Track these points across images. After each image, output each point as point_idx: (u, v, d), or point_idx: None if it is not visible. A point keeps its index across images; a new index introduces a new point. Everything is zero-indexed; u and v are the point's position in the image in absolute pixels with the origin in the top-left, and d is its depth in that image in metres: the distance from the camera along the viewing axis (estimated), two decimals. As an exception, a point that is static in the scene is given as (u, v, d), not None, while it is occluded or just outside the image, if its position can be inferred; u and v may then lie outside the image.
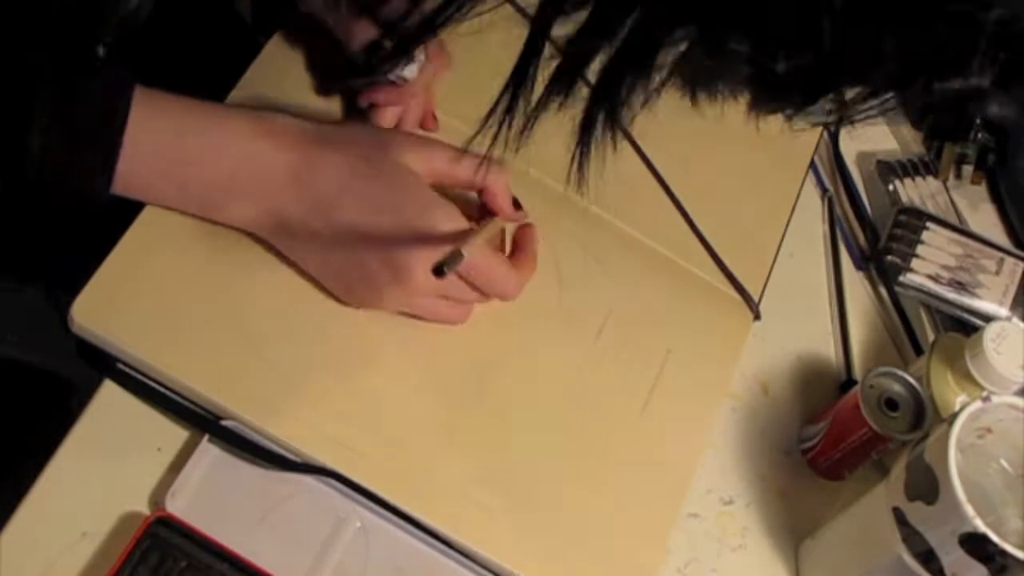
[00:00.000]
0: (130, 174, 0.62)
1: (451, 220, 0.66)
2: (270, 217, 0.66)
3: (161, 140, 0.63)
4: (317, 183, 0.65)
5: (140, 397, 0.65)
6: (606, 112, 0.47)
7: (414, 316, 0.69)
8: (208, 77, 0.75)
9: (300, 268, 0.68)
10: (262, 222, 0.66)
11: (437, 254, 0.62)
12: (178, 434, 0.65)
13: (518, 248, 0.72)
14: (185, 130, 0.63)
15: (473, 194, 0.71)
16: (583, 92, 0.47)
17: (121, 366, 0.65)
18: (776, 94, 0.45)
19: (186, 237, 0.67)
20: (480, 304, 0.71)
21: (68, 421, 0.63)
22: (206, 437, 0.64)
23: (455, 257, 0.61)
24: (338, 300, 0.68)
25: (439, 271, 0.61)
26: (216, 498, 0.63)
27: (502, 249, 0.72)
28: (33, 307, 0.79)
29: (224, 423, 0.64)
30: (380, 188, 0.65)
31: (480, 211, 0.71)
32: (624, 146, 0.84)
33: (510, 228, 0.73)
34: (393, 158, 0.66)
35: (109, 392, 0.65)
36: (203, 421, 0.64)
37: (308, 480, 0.65)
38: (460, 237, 0.64)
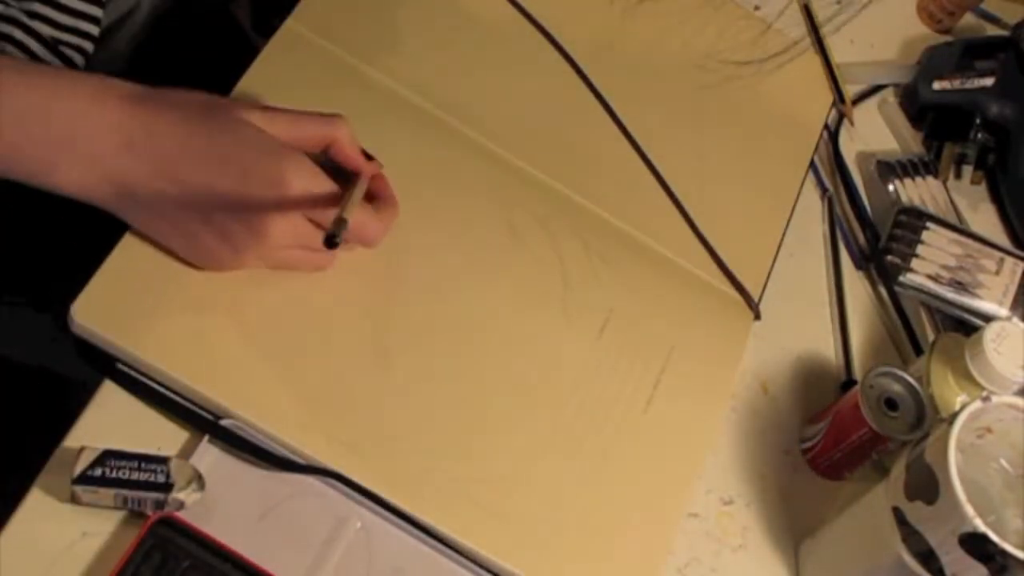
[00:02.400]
0: None
1: (303, 169, 0.64)
2: (110, 184, 0.62)
3: None
4: (156, 143, 0.62)
5: (140, 397, 0.65)
6: None
7: (278, 268, 0.68)
8: (205, 80, 0.75)
9: (188, 247, 0.66)
10: (103, 190, 0.63)
11: (291, 206, 0.62)
12: (178, 434, 0.65)
13: (377, 196, 0.70)
14: (15, 90, 0.60)
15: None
16: None
17: (121, 366, 0.65)
18: None
19: (186, 237, 0.67)
20: (481, 304, 0.71)
21: (68, 421, 0.64)
22: (206, 437, 0.64)
23: (342, 223, 0.60)
24: (196, 266, 0.66)
25: (331, 241, 0.60)
26: (216, 498, 0.63)
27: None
28: (33, 308, 0.79)
29: (224, 423, 0.64)
30: (224, 143, 0.63)
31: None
32: (624, 146, 0.84)
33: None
34: (235, 114, 0.64)
35: (109, 392, 0.65)
36: (203, 421, 0.64)
37: (308, 480, 0.65)
38: (322, 196, 0.64)
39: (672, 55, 0.89)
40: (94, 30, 0.73)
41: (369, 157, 0.69)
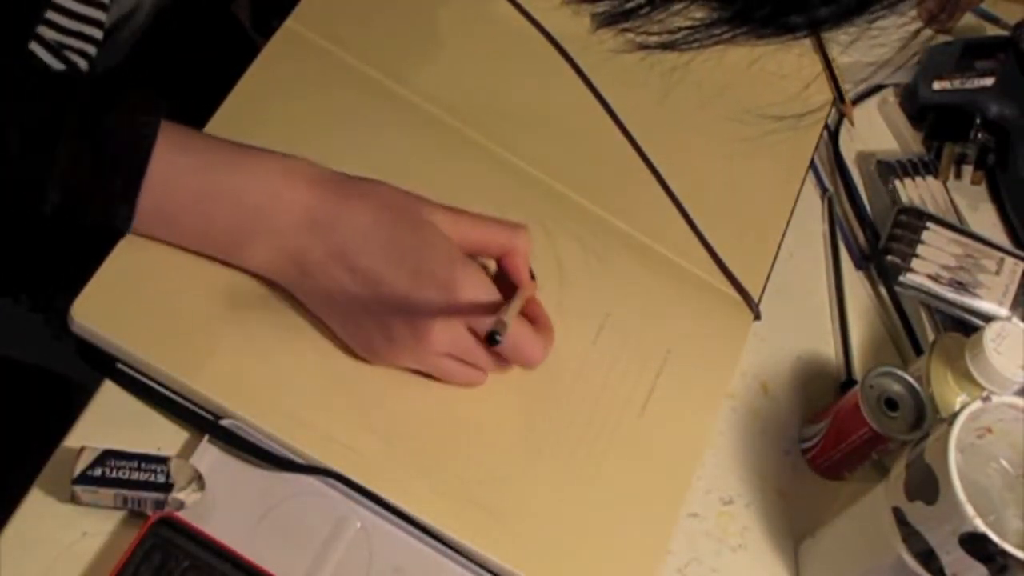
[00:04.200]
0: (153, 209, 0.61)
1: (474, 279, 0.65)
2: (290, 260, 0.65)
3: (186, 175, 0.62)
4: (339, 227, 0.64)
5: (140, 397, 0.65)
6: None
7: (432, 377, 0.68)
8: (206, 79, 0.75)
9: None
10: (282, 265, 0.65)
11: (455, 313, 0.62)
12: (178, 434, 0.65)
13: (534, 318, 0.70)
14: (210, 166, 0.63)
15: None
16: None
17: (121, 366, 0.65)
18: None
19: (186, 237, 0.67)
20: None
21: (68, 421, 0.64)
22: (206, 437, 0.64)
23: (501, 324, 0.60)
24: (357, 356, 0.67)
25: (492, 338, 0.60)
26: (216, 498, 0.63)
27: None
28: (33, 307, 0.79)
29: (224, 423, 0.64)
30: (404, 239, 0.64)
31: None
32: (624, 146, 0.84)
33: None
34: (419, 212, 0.66)
35: (109, 392, 0.65)
36: (203, 421, 0.64)
37: (308, 480, 0.65)
38: (488, 305, 0.64)
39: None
40: (98, 34, 0.73)
41: (532, 277, 0.70)
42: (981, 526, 0.59)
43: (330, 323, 0.67)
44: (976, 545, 0.60)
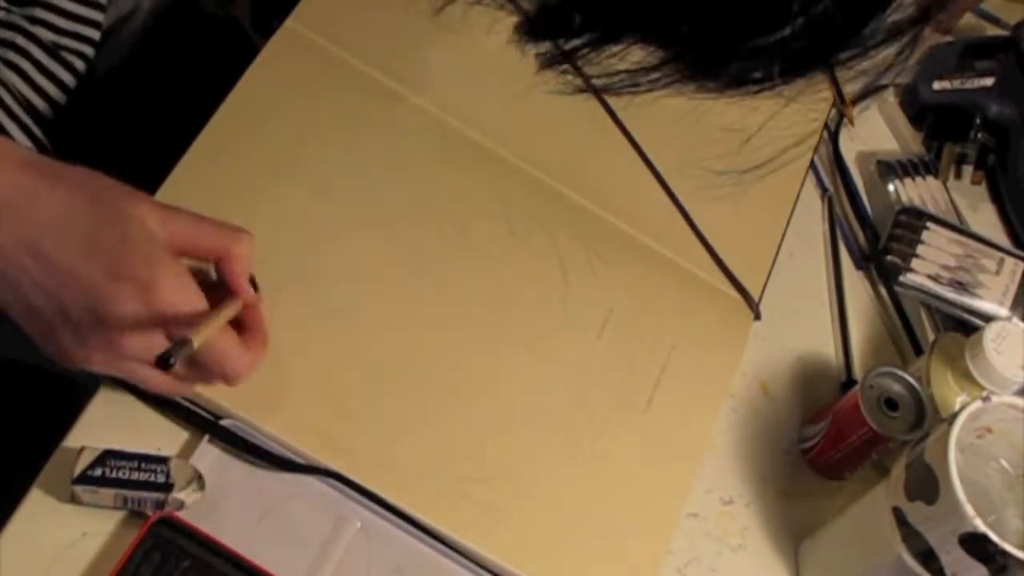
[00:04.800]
0: None
1: (177, 282, 0.58)
2: None
3: None
4: (34, 215, 0.57)
5: (140, 397, 0.65)
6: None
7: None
8: (206, 79, 0.75)
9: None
10: None
11: (151, 318, 0.57)
12: (178, 434, 0.65)
13: (247, 328, 0.63)
14: None
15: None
16: None
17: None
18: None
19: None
20: (481, 304, 0.71)
21: (68, 421, 0.64)
22: (206, 437, 0.64)
23: (182, 346, 0.54)
24: (43, 354, 0.61)
25: (164, 361, 0.53)
26: (216, 498, 0.63)
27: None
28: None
29: (224, 423, 0.64)
30: (102, 232, 0.58)
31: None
32: (624, 146, 0.84)
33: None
34: (127, 208, 0.59)
35: (109, 392, 0.65)
36: (203, 421, 0.64)
37: (308, 480, 0.65)
38: (192, 314, 0.58)
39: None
40: (95, 34, 0.73)
41: (255, 288, 0.64)
42: (981, 526, 0.59)
43: (17, 318, 0.60)
44: (976, 545, 0.60)
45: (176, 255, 0.60)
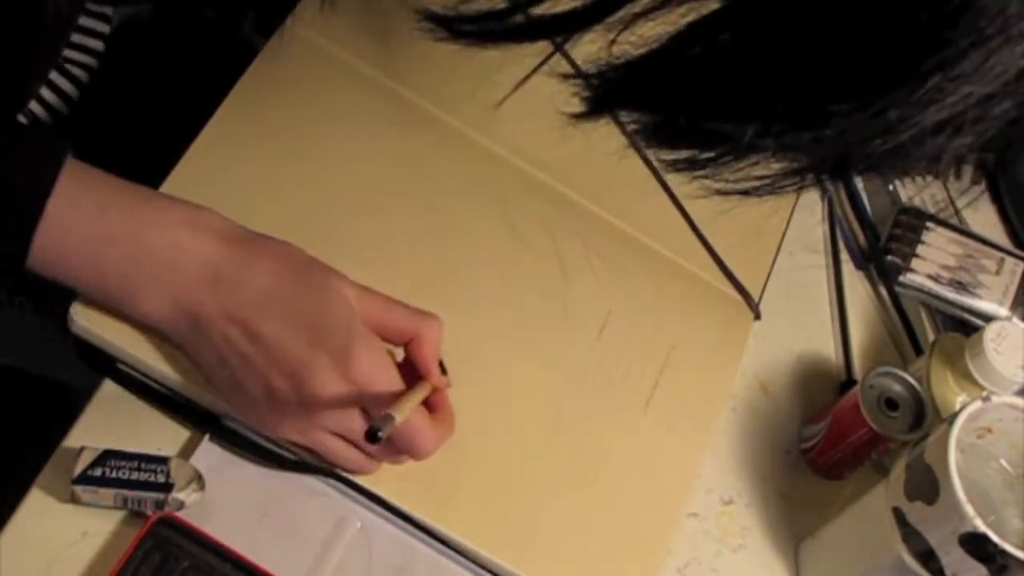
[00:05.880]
0: (46, 248, 0.58)
1: (374, 357, 0.61)
2: (184, 315, 0.61)
3: (82, 216, 0.58)
4: (241, 286, 0.60)
5: (140, 397, 0.65)
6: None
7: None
8: (206, 79, 0.75)
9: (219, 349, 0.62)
10: (176, 320, 0.61)
11: (348, 391, 0.59)
12: (178, 434, 0.65)
13: (435, 408, 0.65)
14: (108, 207, 0.59)
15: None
16: None
17: (121, 366, 0.64)
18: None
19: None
20: (481, 303, 0.71)
21: (68, 421, 0.64)
22: (206, 437, 0.64)
23: (389, 420, 0.56)
24: (240, 417, 0.64)
25: (373, 434, 0.55)
26: (216, 498, 0.63)
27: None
28: (33, 309, 0.79)
29: (224, 423, 0.64)
30: (307, 305, 0.60)
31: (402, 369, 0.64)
32: (624, 146, 0.84)
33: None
34: (330, 281, 0.62)
35: (109, 392, 0.65)
36: (203, 421, 0.64)
37: (308, 480, 0.65)
38: (386, 392, 0.60)
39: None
40: (100, 46, 0.73)
41: (444, 371, 0.66)
42: (981, 526, 0.59)
43: (216, 383, 0.62)
44: (976, 545, 0.60)
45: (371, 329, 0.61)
